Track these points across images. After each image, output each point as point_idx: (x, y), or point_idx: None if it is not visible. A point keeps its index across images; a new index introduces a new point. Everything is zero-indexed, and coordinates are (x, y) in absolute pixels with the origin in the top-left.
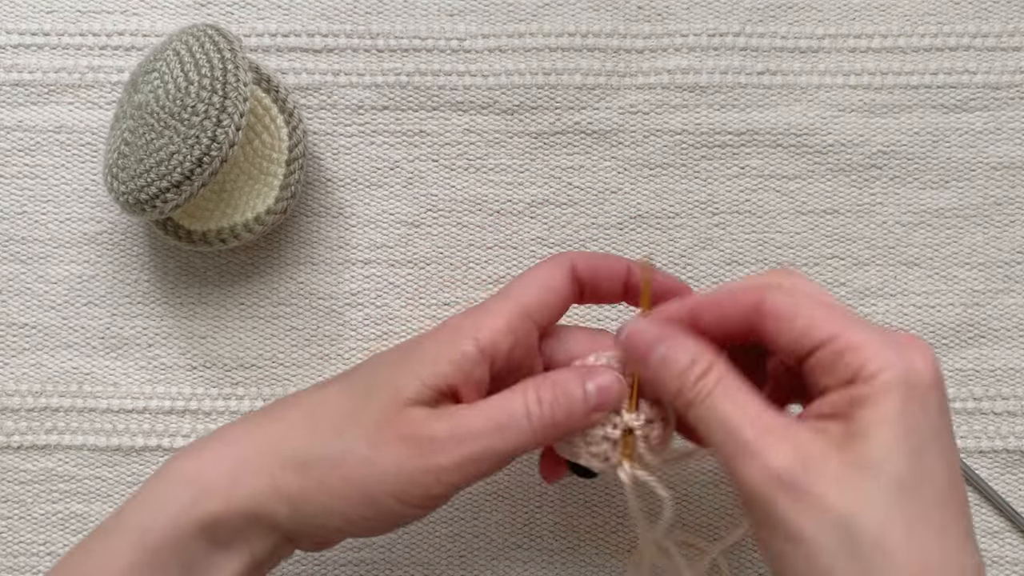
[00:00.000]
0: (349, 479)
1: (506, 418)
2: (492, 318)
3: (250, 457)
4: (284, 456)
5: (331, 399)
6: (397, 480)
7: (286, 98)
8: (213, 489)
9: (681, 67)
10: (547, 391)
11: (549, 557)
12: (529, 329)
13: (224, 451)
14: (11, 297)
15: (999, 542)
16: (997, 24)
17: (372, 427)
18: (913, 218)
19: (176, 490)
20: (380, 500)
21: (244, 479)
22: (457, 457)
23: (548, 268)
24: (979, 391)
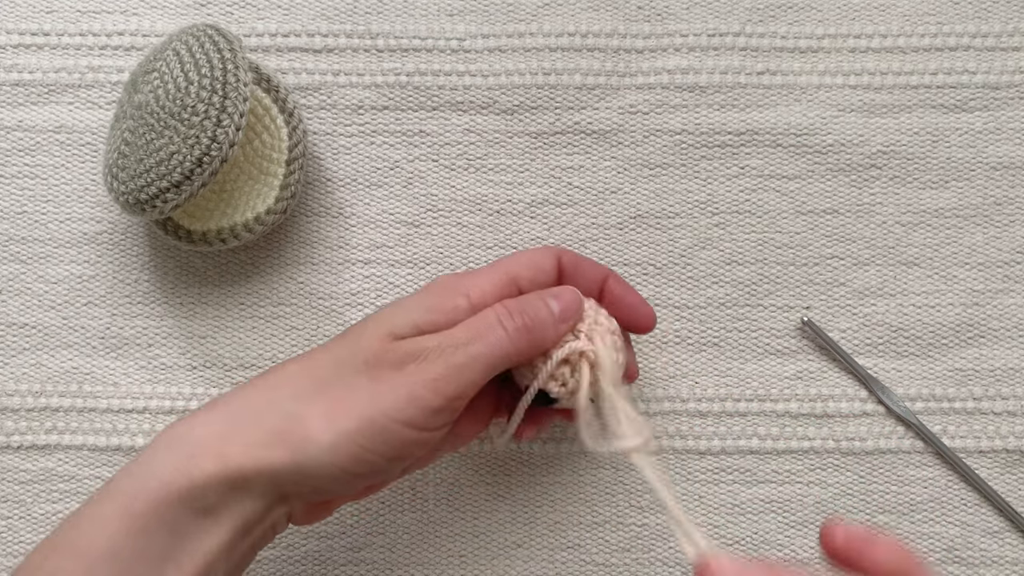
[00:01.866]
0: (353, 412)
1: (485, 327)
2: (482, 280)
3: (245, 414)
4: (284, 404)
5: (325, 352)
6: (398, 401)
7: (286, 98)
8: (204, 449)
9: (681, 67)
10: (513, 304)
11: (549, 555)
12: (515, 295)
13: (216, 411)
14: (11, 297)
15: (999, 542)
16: (997, 24)
17: (371, 360)
18: (913, 218)
19: (164, 455)
20: (386, 427)
21: (238, 434)
22: (448, 365)
23: (538, 251)
24: (979, 391)
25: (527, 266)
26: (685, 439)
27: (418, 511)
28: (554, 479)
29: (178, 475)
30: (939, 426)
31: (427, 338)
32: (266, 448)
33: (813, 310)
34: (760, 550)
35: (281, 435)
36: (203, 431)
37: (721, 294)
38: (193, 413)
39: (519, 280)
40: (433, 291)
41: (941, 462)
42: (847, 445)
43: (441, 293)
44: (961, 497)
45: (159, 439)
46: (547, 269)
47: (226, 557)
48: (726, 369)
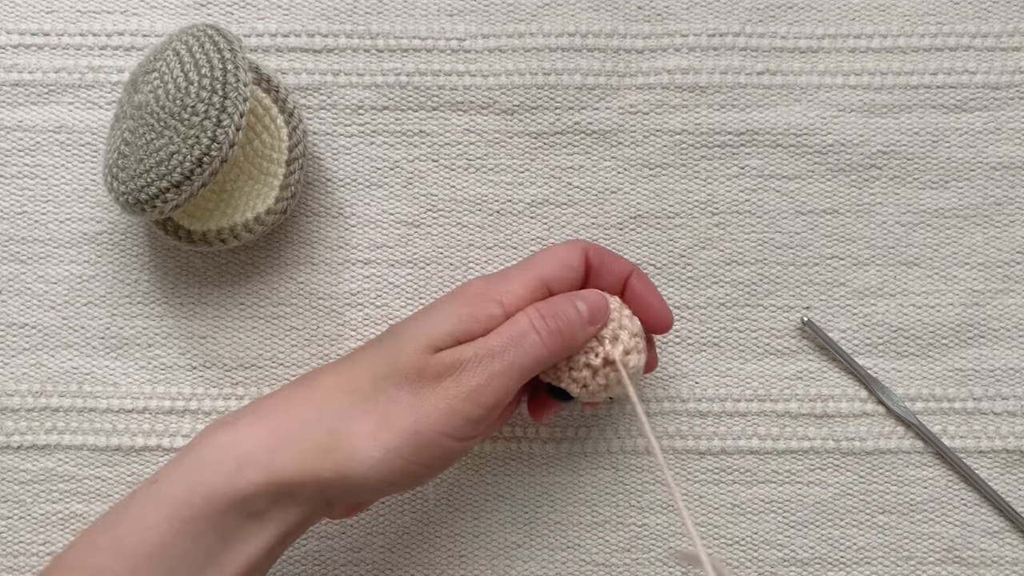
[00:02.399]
0: (397, 427)
1: (519, 334)
2: (515, 285)
3: (290, 427)
4: (329, 420)
5: (363, 363)
6: (440, 415)
7: (286, 98)
8: (252, 460)
9: (681, 67)
10: (545, 308)
11: (549, 556)
12: (546, 296)
13: (261, 423)
14: (11, 297)
15: (999, 542)
16: (997, 24)
17: (411, 375)
18: (913, 218)
19: (212, 462)
20: (431, 440)
21: (286, 448)
22: (486, 375)
23: (565, 248)
24: (979, 391)
25: (557, 266)
26: (685, 439)
27: (418, 511)
28: (554, 479)
29: (227, 485)
30: (939, 426)
31: (464, 348)
32: (313, 463)
33: (813, 310)
34: (760, 550)
35: (328, 451)
36: (251, 444)
37: (721, 294)
38: (234, 419)
39: (549, 281)
40: (466, 298)
41: (941, 462)
42: (847, 445)
43: (474, 301)
44: (961, 497)
45: (204, 446)
46: (575, 266)
47: (268, 558)
48: (726, 369)
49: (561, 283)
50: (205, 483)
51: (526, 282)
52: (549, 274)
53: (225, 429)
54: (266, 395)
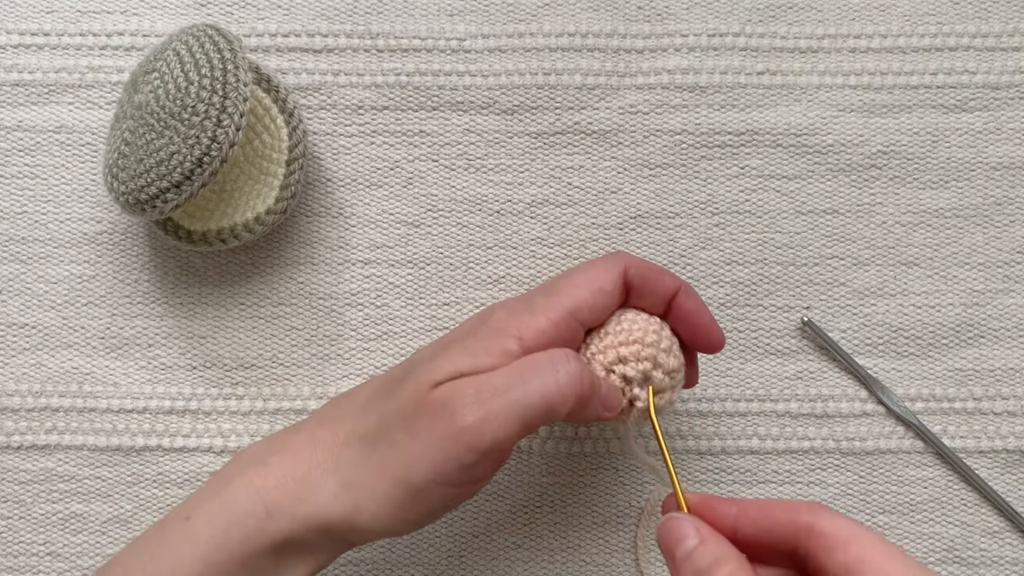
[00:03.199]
0: (389, 474)
1: (531, 370)
2: (538, 319)
3: (310, 473)
4: (343, 469)
5: (375, 402)
6: (432, 461)
7: (286, 98)
8: (281, 507)
9: (681, 67)
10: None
11: (549, 556)
12: (574, 329)
13: (288, 466)
14: (11, 297)
15: (999, 542)
16: (997, 24)
17: (408, 414)
18: (913, 218)
19: (245, 507)
20: (422, 488)
21: (307, 497)
22: (481, 413)
23: (601, 268)
24: (979, 391)
25: (589, 292)
26: (685, 439)
27: None
28: (554, 480)
29: (258, 531)
30: (939, 426)
31: (464, 382)
32: (329, 513)
33: (813, 310)
34: None
35: (341, 501)
36: (280, 492)
37: (721, 294)
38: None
39: (580, 312)
40: (482, 332)
41: (941, 462)
42: (847, 445)
43: (489, 335)
44: (961, 497)
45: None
46: (610, 290)
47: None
48: (726, 369)
49: (593, 311)
50: (238, 527)
51: (551, 315)
52: (580, 303)
53: (257, 469)
54: (295, 426)
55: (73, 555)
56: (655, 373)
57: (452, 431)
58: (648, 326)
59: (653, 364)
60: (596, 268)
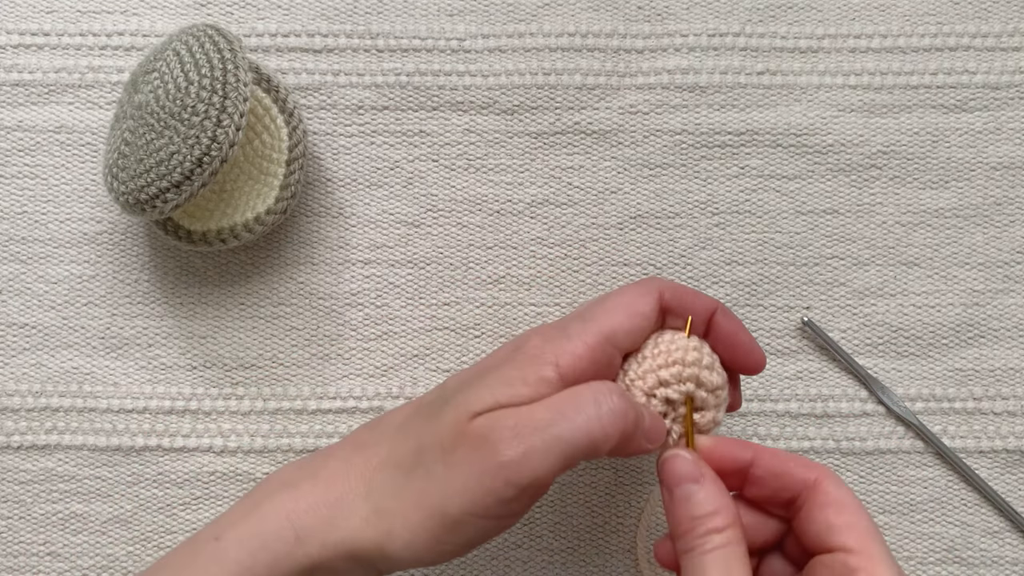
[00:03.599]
0: (426, 504)
1: (573, 406)
2: (574, 344)
3: (342, 499)
4: (375, 497)
5: (411, 429)
6: (469, 493)
7: (286, 98)
8: (311, 532)
9: (681, 67)
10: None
11: (549, 557)
12: (611, 355)
13: (319, 491)
14: (11, 297)
15: (999, 542)
16: (997, 24)
17: (447, 445)
18: (913, 218)
19: (274, 530)
20: (459, 520)
21: (338, 523)
22: (523, 448)
23: (636, 293)
24: (979, 391)
25: (625, 317)
26: None
27: None
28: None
29: (287, 556)
30: (939, 426)
31: (504, 414)
32: (361, 540)
33: (813, 310)
34: None
35: (373, 528)
36: (310, 518)
37: (721, 294)
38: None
39: (616, 337)
40: (518, 360)
41: (941, 462)
42: (847, 445)
43: (526, 363)
44: (961, 497)
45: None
46: (647, 313)
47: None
48: None
49: (630, 336)
50: (267, 551)
51: (587, 340)
52: (616, 328)
53: (288, 493)
54: (328, 450)
55: (73, 555)
56: (699, 392)
57: (492, 465)
58: (688, 344)
59: (696, 383)
60: (631, 292)
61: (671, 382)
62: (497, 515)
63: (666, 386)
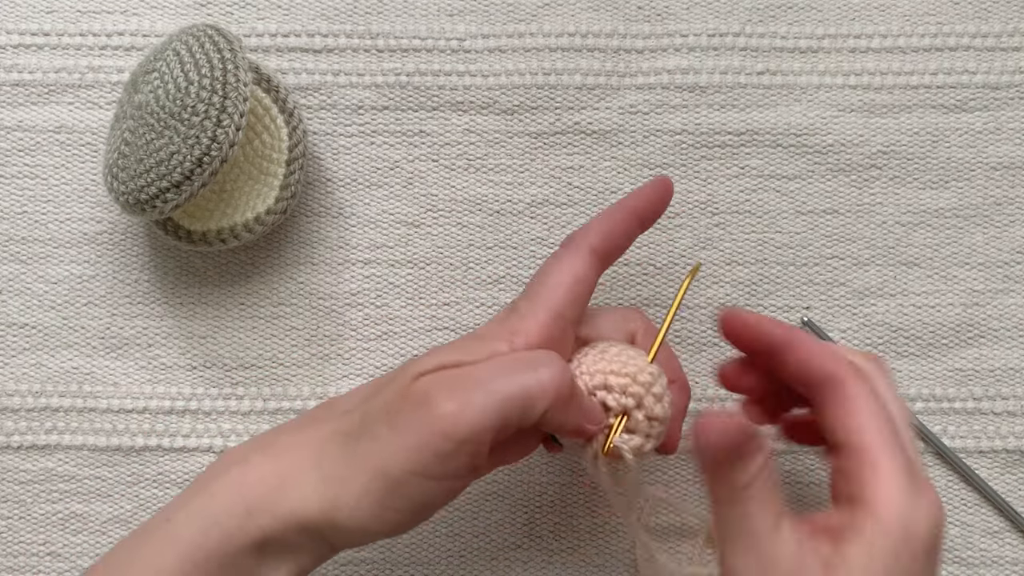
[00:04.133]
0: (368, 466)
1: (517, 365)
2: (527, 323)
3: (292, 469)
4: (324, 464)
5: (360, 400)
6: (408, 449)
7: (286, 98)
8: (261, 504)
9: (681, 67)
10: (558, 359)
11: (548, 557)
12: (563, 328)
13: (269, 463)
14: (11, 297)
15: (999, 542)
16: (997, 24)
17: (391, 407)
18: (913, 218)
19: (224, 505)
20: (401, 480)
21: (288, 493)
22: (459, 402)
23: (569, 261)
24: (979, 391)
25: (565, 291)
26: (685, 439)
27: None
28: (553, 480)
29: (238, 529)
30: (939, 426)
31: (446, 373)
32: (310, 509)
33: (813, 310)
34: None
35: (320, 497)
36: (260, 488)
37: (721, 294)
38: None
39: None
40: (472, 337)
41: (941, 462)
42: None
43: (478, 339)
44: (961, 497)
45: (217, 485)
46: (585, 278)
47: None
48: None
49: (575, 304)
50: (218, 526)
51: (539, 318)
52: (561, 305)
53: (239, 468)
54: (282, 426)
55: (73, 555)
56: (636, 413)
57: (429, 419)
58: (646, 366)
59: (637, 403)
60: (563, 263)
61: (614, 389)
62: (436, 474)
63: (608, 391)
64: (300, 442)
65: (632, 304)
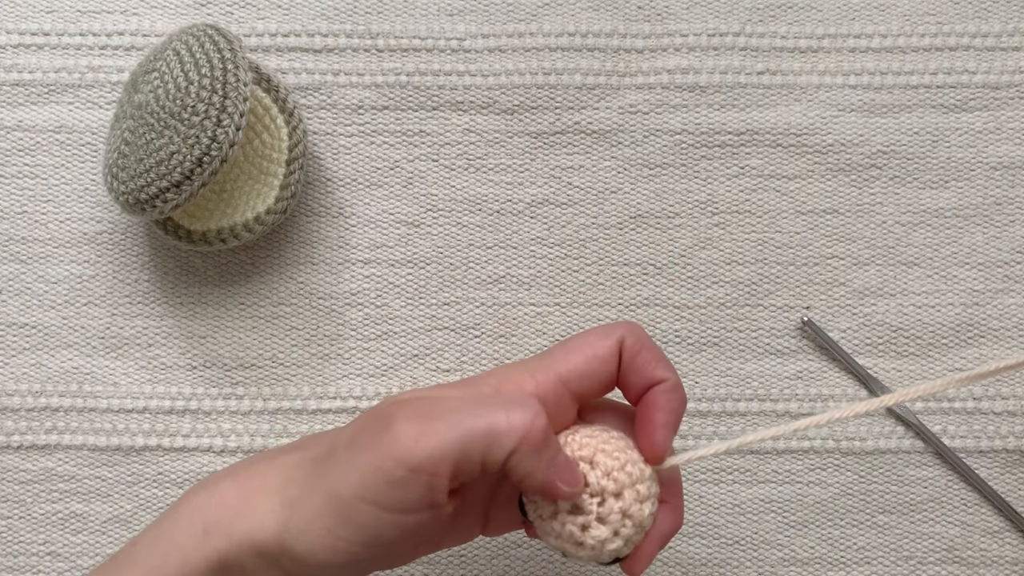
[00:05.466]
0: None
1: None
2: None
3: (254, 494)
4: (288, 488)
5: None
6: (359, 472)
7: (286, 98)
8: (218, 525)
9: (681, 67)
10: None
11: (549, 555)
12: (561, 396)
13: (236, 487)
14: (11, 297)
15: (999, 542)
16: (997, 24)
17: (357, 426)
18: (913, 218)
19: (185, 527)
20: (350, 504)
21: (245, 515)
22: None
23: (597, 336)
24: (979, 391)
25: (582, 360)
26: (685, 439)
27: None
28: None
29: (196, 551)
30: (939, 426)
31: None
32: (263, 532)
33: (813, 310)
34: (760, 550)
35: (274, 519)
36: (219, 510)
37: (721, 294)
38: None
39: (569, 378)
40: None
41: (941, 462)
42: (847, 445)
43: (475, 378)
44: (961, 497)
45: (181, 509)
46: (604, 357)
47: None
48: (726, 369)
49: (583, 378)
50: (177, 549)
51: (538, 376)
52: (572, 369)
53: (204, 491)
54: (264, 452)
55: (73, 555)
56: (612, 501)
57: (385, 441)
58: (640, 461)
59: (617, 491)
60: (592, 335)
61: (599, 467)
62: (387, 503)
63: (592, 466)
64: (271, 468)
65: (632, 304)
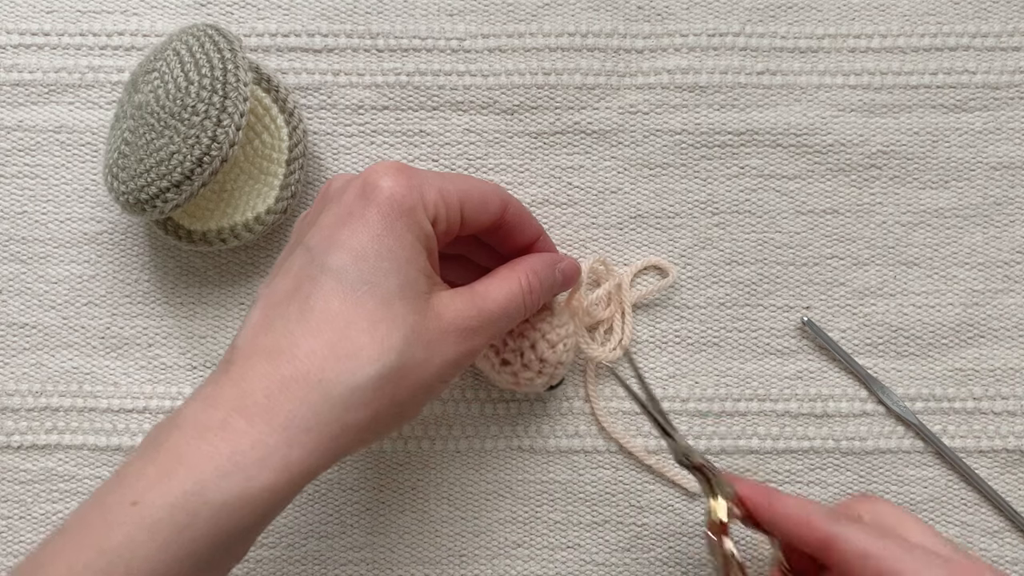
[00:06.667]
0: (412, 386)
1: (510, 300)
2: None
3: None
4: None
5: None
6: (444, 368)
7: (286, 98)
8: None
9: (681, 67)
10: (534, 279)
11: (549, 555)
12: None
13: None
14: (11, 297)
15: (999, 542)
16: (997, 24)
17: (418, 329)
18: (913, 218)
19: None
20: (433, 387)
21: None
22: (486, 337)
23: (489, 190)
24: (979, 391)
25: (478, 201)
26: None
27: (418, 511)
28: (554, 478)
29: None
30: (939, 426)
31: (466, 308)
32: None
33: (813, 310)
34: (760, 550)
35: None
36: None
37: (721, 294)
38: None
39: (465, 207)
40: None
41: (941, 462)
42: (847, 445)
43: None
44: (961, 497)
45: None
46: (492, 212)
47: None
48: (726, 369)
49: (474, 210)
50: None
51: (446, 196)
52: (465, 201)
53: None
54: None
55: None
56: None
57: (467, 348)
58: (548, 318)
59: (532, 344)
60: (484, 187)
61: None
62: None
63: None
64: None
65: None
